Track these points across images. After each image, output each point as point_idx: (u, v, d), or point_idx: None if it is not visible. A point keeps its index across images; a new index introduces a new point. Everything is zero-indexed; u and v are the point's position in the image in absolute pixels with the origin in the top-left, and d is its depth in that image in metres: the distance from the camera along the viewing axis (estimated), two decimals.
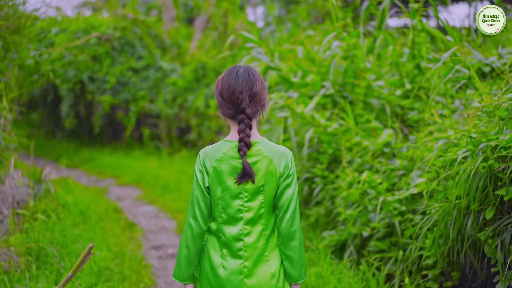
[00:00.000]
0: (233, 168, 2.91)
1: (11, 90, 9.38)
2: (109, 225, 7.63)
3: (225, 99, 2.91)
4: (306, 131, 6.87)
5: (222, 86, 2.92)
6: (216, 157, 2.93)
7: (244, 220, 2.94)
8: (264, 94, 2.98)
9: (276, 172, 2.93)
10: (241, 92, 2.87)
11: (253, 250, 2.95)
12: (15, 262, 5.05)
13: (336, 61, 7.26)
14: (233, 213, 2.94)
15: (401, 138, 6.06)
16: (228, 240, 2.95)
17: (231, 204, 2.94)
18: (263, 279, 2.94)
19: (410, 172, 5.43)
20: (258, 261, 2.95)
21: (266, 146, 2.96)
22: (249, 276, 2.93)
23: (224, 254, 2.96)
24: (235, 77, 2.90)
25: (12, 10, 7.92)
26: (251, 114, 2.89)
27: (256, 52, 7.34)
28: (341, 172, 6.08)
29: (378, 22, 7.62)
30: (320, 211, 6.57)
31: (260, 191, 2.93)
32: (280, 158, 2.95)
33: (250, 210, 2.94)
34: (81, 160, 13.91)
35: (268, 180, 2.93)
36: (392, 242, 5.27)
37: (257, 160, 2.92)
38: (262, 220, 2.97)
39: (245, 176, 2.88)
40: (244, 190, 2.92)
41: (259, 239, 2.96)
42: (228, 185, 2.92)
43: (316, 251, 5.77)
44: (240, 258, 2.94)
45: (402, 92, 6.57)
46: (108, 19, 15.41)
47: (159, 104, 14.46)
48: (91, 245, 2.79)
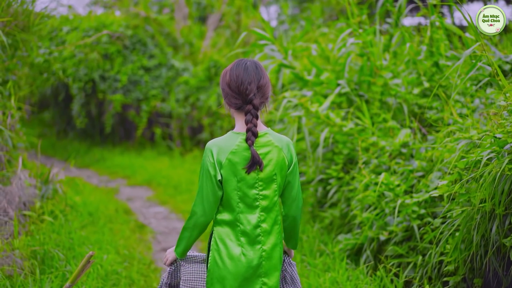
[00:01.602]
0: (247, 159, 3.02)
1: (20, 89, 9.26)
2: (119, 227, 7.46)
3: (233, 89, 3.03)
4: (320, 130, 6.67)
5: (231, 77, 3.04)
6: (230, 149, 3.02)
7: (260, 207, 3.09)
8: (269, 87, 3.11)
9: (285, 161, 3.11)
10: (249, 83, 3.00)
11: (269, 235, 3.11)
12: (19, 266, 4.87)
13: (351, 59, 7.06)
14: (250, 202, 3.08)
15: (419, 138, 5.83)
16: (247, 228, 3.08)
17: (248, 194, 3.06)
18: (276, 260, 3.15)
19: (429, 174, 5.22)
20: (273, 244, 3.13)
21: (274, 136, 3.12)
22: (267, 259, 3.11)
23: (242, 242, 3.09)
24: (244, 69, 3.02)
25: (21, 8, 7.80)
26: (258, 105, 3.02)
27: (269, 49, 7.15)
28: (357, 174, 5.88)
29: (395, 19, 7.43)
30: (335, 213, 6.37)
31: (273, 180, 3.09)
32: (287, 147, 3.13)
33: (265, 198, 3.09)
34: (92, 160, 13.79)
35: (279, 169, 3.09)
36: (411, 247, 5.06)
37: (269, 150, 3.07)
38: (276, 207, 3.14)
39: (254, 164, 3.01)
40: (259, 179, 3.06)
41: (274, 225, 3.14)
42: (243, 175, 3.04)
43: (331, 256, 5.57)
44: (259, 243, 3.09)
45: (419, 91, 6.35)
46: (120, 17, 15.29)
47: (171, 103, 14.30)
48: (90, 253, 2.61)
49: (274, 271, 3.14)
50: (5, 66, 7.72)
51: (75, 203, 7.53)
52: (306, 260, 5.70)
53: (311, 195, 7.26)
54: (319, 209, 7.05)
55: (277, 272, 3.16)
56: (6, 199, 6.10)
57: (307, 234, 6.45)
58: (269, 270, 3.12)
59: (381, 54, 6.91)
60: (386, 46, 7.34)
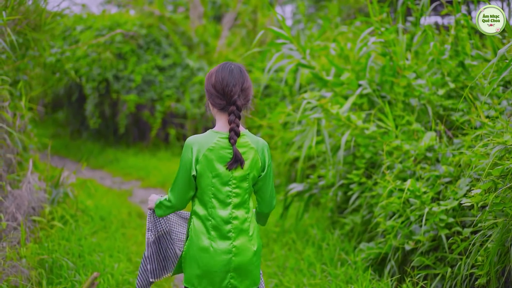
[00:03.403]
0: (223, 157, 3.18)
1: (31, 89, 9.08)
2: (131, 232, 7.24)
3: (218, 90, 3.19)
4: (341, 133, 6.41)
5: (216, 79, 3.20)
6: (207, 146, 3.18)
7: (233, 204, 3.25)
8: (251, 91, 3.28)
9: (259, 162, 3.28)
10: (234, 85, 3.17)
11: (240, 231, 3.26)
12: (25, 276, 4.65)
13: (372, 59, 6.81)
14: (223, 198, 3.23)
15: (445, 142, 5.54)
16: (219, 223, 3.23)
17: (221, 190, 3.23)
18: (248, 256, 3.27)
19: (457, 180, 4.94)
20: (244, 241, 3.27)
21: (251, 138, 3.28)
22: (237, 254, 3.24)
23: (212, 236, 3.23)
24: (229, 72, 3.20)
25: (33, 6, 7.62)
26: (241, 106, 3.18)
27: (288, 48, 6.89)
28: (380, 179, 5.61)
29: (417, 17, 7.17)
30: (356, 219, 6.11)
31: (246, 178, 3.26)
32: (262, 149, 3.30)
33: (237, 195, 3.25)
34: (105, 160, 13.61)
35: (252, 169, 3.26)
36: (438, 257, 4.78)
37: (245, 151, 3.23)
38: (246, 204, 3.30)
39: (236, 162, 3.18)
40: (233, 177, 3.22)
41: (245, 221, 3.28)
42: (219, 172, 3.20)
43: (353, 266, 5.30)
44: (229, 239, 3.23)
45: (444, 92, 6.07)
46: (134, 17, 15.11)
47: (185, 103, 14.09)
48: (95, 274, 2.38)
49: (244, 267, 3.27)
50: (16, 66, 7.54)
51: (86, 207, 7.32)
52: (326, 270, 5.45)
53: (330, 200, 7.00)
54: (338, 214, 6.79)
55: (248, 268, 3.28)
56: (15, 204, 5.89)
57: (327, 241, 6.20)
58: (238, 267, 3.25)
59: (404, 54, 6.64)
60: (408, 46, 7.07)
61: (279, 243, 6.65)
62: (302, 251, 6.23)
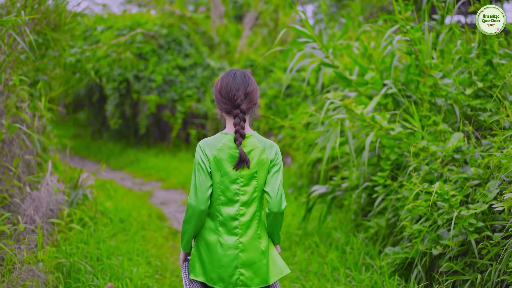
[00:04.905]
0: (231, 157, 3.35)
1: (51, 90, 9.02)
2: (151, 234, 7.14)
3: (223, 96, 3.37)
4: (365, 134, 6.26)
5: (221, 85, 3.39)
6: (216, 146, 3.36)
7: (240, 202, 3.39)
8: (257, 94, 3.44)
9: (267, 161, 3.41)
10: (237, 90, 3.34)
11: (247, 228, 3.40)
12: (42, 281, 4.55)
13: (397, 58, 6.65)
14: (231, 196, 3.38)
15: (473, 143, 5.36)
16: (226, 219, 3.39)
17: (229, 188, 3.38)
18: (255, 254, 3.41)
19: (485, 182, 4.76)
20: (251, 238, 3.41)
21: (258, 138, 3.45)
22: (243, 250, 3.38)
23: (220, 232, 3.39)
24: (233, 78, 3.37)
25: (53, 6, 7.56)
26: (245, 109, 3.35)
27: (310, 47, 6.74)
28: (406, 181, 5.44)
29: (443, 15, 6.99)
30: (380, 223, 5.94)
31: (254, 177, 3.39)
32: (270, 148, 3.44)
33: (245, 193, 3.40)
34: (126, 161, 13.55)
35: (260, 168, 3.40)
36: (467, 263, 4.61)
37: (251, 149, 3.38)
38: (255, 202, 3.43)
39: (241, 162, 3.34)
40: (241, 176, 3.38)
41: (253, 219, 3.42)
42: (227, 171, 3.36)
43: (378, 271, 5.14)
44: (236, 235, 3.38)
45: (472, 91, 5.88)
46: (155, 16, 15.05)
47: (206, 103, 13.99)
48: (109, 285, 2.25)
49: (252, 263, 3.39)
50: (35, 66, 7.48)
51: (106, 209, 7.22)
52: (351, 275, 5.29)
53: (354, 202, 6.85)
54: (362, 217, 6.63)
55: (256, 265, 3.40)
56: (33, 206, 5.81)
57: (351, 245, 6.05)
58: (246, 262, 3.38)
59: (430, 52, 6.47)
60: (433, 44, 6.90)
61: (302, 247, 6.51)
62: (325, 255, 6.09)
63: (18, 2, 6.52)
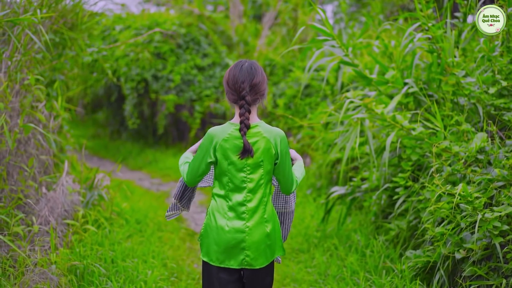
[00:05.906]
0: (236, 146, 3.47)
1: (68, 89, 8.98)
2: (168, 235, 7.05)
3: (230, 87, 3.51)
4: (386, 134, 6.13)
5: (229, 76, 3.52)
6: (223, 136, 3.48)
7: (247, 189, 3.52)
8: (264, 85, 3.55)
9: (272, 150, 3.52)
10: (243, 82, 3.46)
11: (254, 213, 3.53)
12: (54, 284, 4.47)
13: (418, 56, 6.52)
14: (238, 183, 3.52)
15: (497, 143, 5.20)
16: (234, 205, 3.52)
17: (236, 176, 3.51)
18: (261, 237, 3.54)
19: (510, 184, 4.61)
20: (258, 222, 3.54)
21: (264, 128, 3.54)
22: (250, 234, 3.51)
23: (229, 216, 3.52)
24: (239, 70, 3.49)
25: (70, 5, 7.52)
26: (250, 101, 3.47)
27: (330, 45, 6.63)
28: (428, 182, 5.29)
29: (465, 13, 6.85)
30: (401, 225, 5.81)
31: (260, 165, 3.51)
32: (275, 137, 3.54)
33: (252, 181, 3.52)
34: (144, 161, 13.50)
35: (266, 156, 3.51)
36: (491, 267, 4.46)
37: (257, 140, 3.49)
38: (261, 189, 3.56)
39: (245, 152, 3.45)
40: (247, 164, 3.50)
41: (260, 205, 3.55)
42: (233, 160, 3.48)
43: (399, 275, 5.01)
44: (243, 219, 3.51)
45: (495, 90, 5.74)
46: (173, 16, 15.00)
47: (225, 103, 13.91)
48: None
49: (258, 246, 3.52)
50: (52, 65, 7.43)
51: (122, 210, 7.15)
52: (371, 279, 5.17)
53: (374, 204, 6.72)
54: (383, 219, 6.50)
55: (261, 247, 3.53)
56: (48, 207, 5.75)
57: (371, 248, 5.92)
58: (251, 245, 3.51)
59: (453, 51, 6.32)
60: (455, 42, 6.75)
61: (320, 249, 6.39)
62: (345, 258, 5.97)
63: (35, 2, 6.47)
